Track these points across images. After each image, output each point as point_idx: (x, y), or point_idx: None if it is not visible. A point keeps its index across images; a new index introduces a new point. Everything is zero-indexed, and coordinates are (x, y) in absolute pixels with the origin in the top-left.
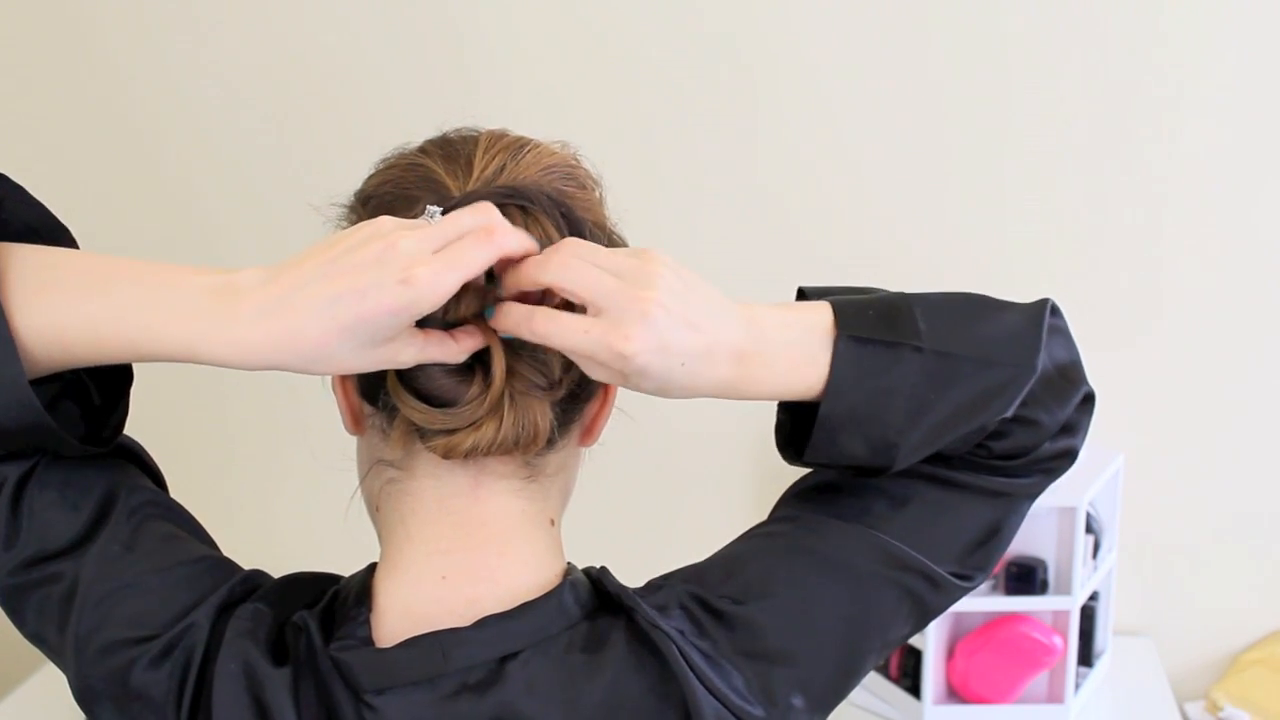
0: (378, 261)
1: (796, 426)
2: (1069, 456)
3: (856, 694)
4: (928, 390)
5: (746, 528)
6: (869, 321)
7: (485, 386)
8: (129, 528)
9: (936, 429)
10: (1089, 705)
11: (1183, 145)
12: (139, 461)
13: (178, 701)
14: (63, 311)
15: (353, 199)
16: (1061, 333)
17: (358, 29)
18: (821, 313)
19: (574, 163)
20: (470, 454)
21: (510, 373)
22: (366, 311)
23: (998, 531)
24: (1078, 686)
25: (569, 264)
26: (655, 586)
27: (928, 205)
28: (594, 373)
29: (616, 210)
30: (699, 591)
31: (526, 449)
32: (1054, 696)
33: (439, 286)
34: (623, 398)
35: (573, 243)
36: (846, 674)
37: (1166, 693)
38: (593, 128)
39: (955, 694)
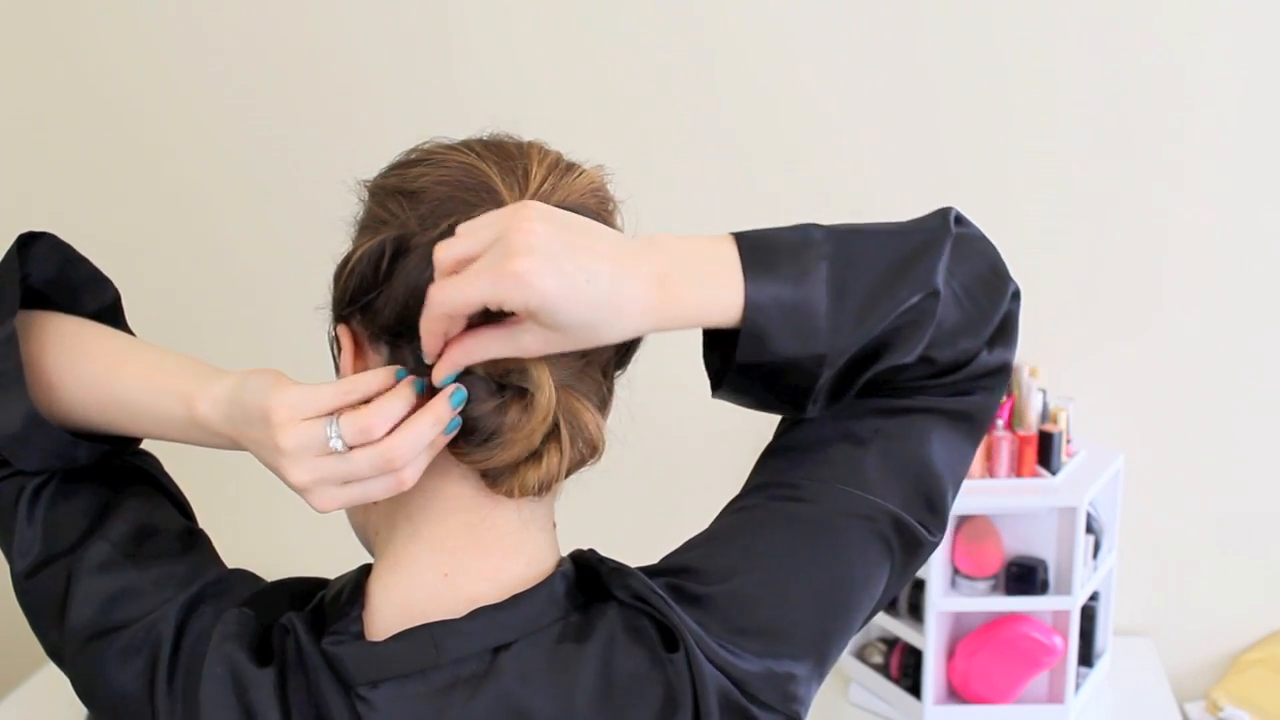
0: (288, 475)
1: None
2: (1005, 371)
3: (856, 694)
4: (844, 270)
5: None
6: (767, 230)
7: (526, 408)
8: (121, 528)
9: (863, 308)
10: (1089, 705)
11: (1185, 148)
12: (155, 482)
13: (150, 696)
14: (84, 392)
15: (391, 187)
16: (977, 235)
17: (351, 23)
18: (720, 236)
19: (605, 186)
20: (542, 489)
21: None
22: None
23: (954, 466)
24: (1078, 686)
25: (443, 287)
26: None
27: (926, 204)
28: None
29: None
30: (680, 582)
31: (583, 463)
32: (1054, 696)
33: (330, 509)
34: (628, 397)
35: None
36: (838, 633)
37: (1166, 693)
38: (566, 109)
39: (955, 694)
